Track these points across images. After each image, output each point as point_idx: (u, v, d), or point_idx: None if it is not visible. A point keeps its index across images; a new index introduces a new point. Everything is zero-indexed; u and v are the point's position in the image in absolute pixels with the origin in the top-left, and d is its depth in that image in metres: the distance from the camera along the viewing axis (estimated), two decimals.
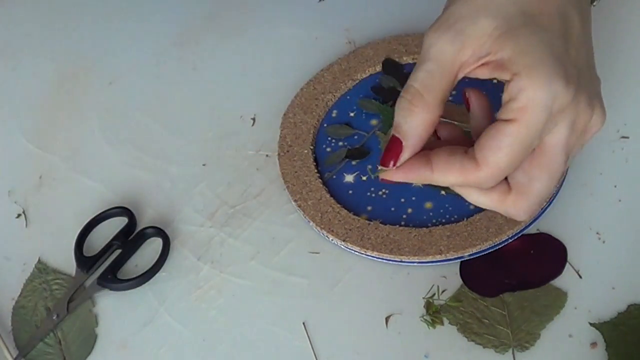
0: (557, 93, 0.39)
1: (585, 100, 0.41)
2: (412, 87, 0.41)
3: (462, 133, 0.45)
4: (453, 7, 0.42)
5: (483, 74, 0.42)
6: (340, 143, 0.62)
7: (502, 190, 0.43)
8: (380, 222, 0.56)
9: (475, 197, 0.44)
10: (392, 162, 0.42)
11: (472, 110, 0.44)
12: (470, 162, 0.41)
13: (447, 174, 0.42)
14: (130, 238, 0.60)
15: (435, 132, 0.44)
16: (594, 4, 0.48)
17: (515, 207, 0.43)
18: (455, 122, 0.56)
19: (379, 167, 0.43)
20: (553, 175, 0.42)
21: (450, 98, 0.43)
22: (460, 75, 0.42)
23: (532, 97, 0.39)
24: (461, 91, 0.45)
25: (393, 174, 0.43)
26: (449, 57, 0.41)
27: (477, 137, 0.42)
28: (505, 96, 0.40)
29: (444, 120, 0.45)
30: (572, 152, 0.43)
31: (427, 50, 0.42)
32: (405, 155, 0.42)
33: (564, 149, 0.41)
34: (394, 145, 0.42)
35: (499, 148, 0.40)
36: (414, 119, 0.41)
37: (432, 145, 0.43)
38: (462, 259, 0.54)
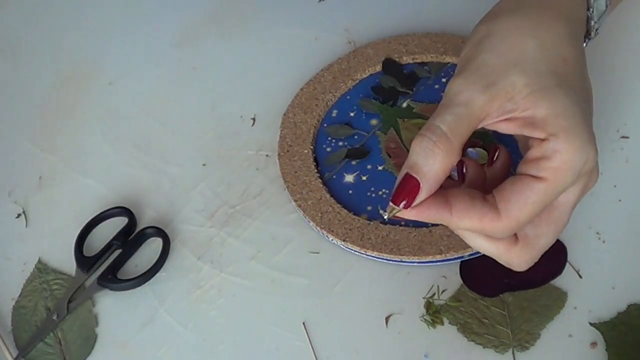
0: (589, 158, 0.40)
1: (597, 162, 0.42)
2: (439, 128, 0.40)
3: (484, 173, 0.45)
4: (483, 56, 0.42)
5: (506, 128, 0.42)
6: (340, 143, 0.62)
7: (510, 241, 0.43)
8: (380, 222, 0.56)
9: (479, 243, 0.43)
10: (405, 202, 0.41)
11: (495, 165, 0.44)
12: (492, 211, 0.41)
13: (465, 219, 0.41)
14: (130, 238, 0.60)
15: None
16: (586, 43, 0.48)
17: (519, 258, 0.43)
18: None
19: (391, 205, 0.42)
20: (558, 231, 0.43)
21: None
22: (481, 126, 0.42)
23: (567, 160, 0.39)
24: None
25: (406, 213, 0.42)
26: (478, 106, 0.41)
27: (494, 188, 0.42)
28: (535, 153, 0.41)
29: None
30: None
31: (455, 95, 0.41)
32: (422, 196, 0.41)
33: (572, 207, 0.42)
34: (409, 185, 0.41)
35: (525, 204, 0.40)
36: (436, 162, 0.40)
37: (445, 184, 0.42)
38: (462, 259, 0.54)
